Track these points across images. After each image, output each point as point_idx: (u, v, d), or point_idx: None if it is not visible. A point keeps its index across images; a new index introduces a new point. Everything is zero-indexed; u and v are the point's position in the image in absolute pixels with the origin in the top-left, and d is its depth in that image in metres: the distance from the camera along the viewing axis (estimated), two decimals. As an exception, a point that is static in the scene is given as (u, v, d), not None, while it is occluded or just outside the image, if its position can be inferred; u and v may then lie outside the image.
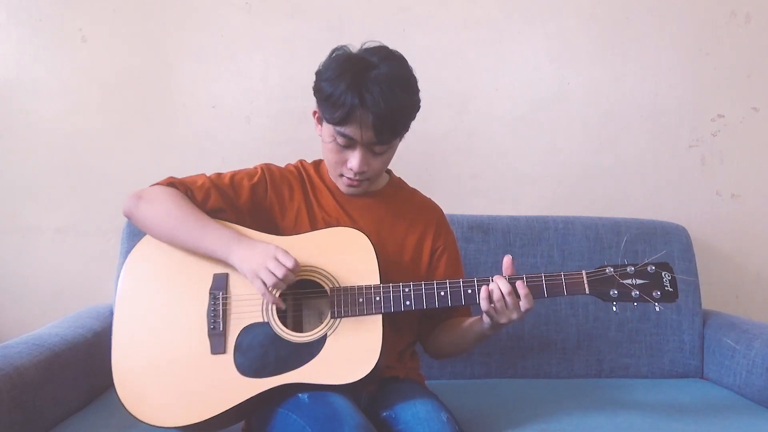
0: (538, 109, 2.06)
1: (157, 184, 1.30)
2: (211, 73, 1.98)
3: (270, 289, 1.19)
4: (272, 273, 1.17)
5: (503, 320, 1.21)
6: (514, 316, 1.20)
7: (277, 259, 1.18)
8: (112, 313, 1.26)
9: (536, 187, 2.07)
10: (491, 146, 2.06)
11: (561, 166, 2.07)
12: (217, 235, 1.24)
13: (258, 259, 1.19)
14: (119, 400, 1.20)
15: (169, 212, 1.25)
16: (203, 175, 1.34)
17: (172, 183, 1.30)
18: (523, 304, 1.19)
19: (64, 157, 1.95)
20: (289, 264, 1.18)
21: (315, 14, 1.99)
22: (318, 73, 1.27)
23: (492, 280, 1.21)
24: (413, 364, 1.43)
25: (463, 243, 1.77)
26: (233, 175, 1.35)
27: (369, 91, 1.19)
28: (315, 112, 1.33)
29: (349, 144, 1.26)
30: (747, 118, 2.11)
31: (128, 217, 1.31)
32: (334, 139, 1.26)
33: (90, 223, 1.96)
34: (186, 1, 1.96)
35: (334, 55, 1.28)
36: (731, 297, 2.12)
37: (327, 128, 1.28)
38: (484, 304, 1.20)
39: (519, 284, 1.19)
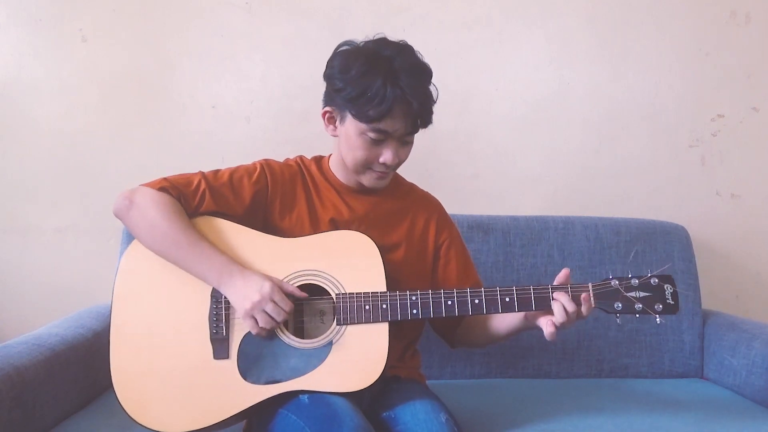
0: (538, 109, 2.06)
1: (149, 185, 1.23)
2: (211, 73, 1.98)
3: (264, 327, 1.18)
4: (270, 316, 1.17)
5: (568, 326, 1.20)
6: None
7: (274, 302, 1.17)
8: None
9: (536, 187, 2.07)
10: (491, 146, 2.05)
11: (561, 166, 2.07)
12: (209, 262, 1.20)
13: (254, 297, 1.16)
14: (120, 404, 1.19)
15: (160, 229, 1.20)
16: (199, 173, 1.28)
17: (163, 188, 1.22)
18: (585, 311, 1.19)
19: (64, 157, 1.95)
20: (287, 307, 1.18)
21: (315, 14, 1.99)
22: (338, 74, 1.22)
23: (554, 299, 1.19)
24: (414, 363, 1.42)
25: (463, 243, 1.77)
26: (232, 174, 1.30)
27: (404, 82, 1.18)
28: (326, 113, 1.29)
29: (382, 138, 1.23)
30: (747, 118, 2.10)
31: (117, 217, 1.25)
32: (364, 136, 1.23)
33: (90, 223, 1.95)
34: (186, 1, 1.96)
35: (342, 50, 1.25)
36: (731, 297, 2.12)
37: (354, 126, 1.23)
38: (550, 331, 1.19)
39: (584, 296, 1.18)
